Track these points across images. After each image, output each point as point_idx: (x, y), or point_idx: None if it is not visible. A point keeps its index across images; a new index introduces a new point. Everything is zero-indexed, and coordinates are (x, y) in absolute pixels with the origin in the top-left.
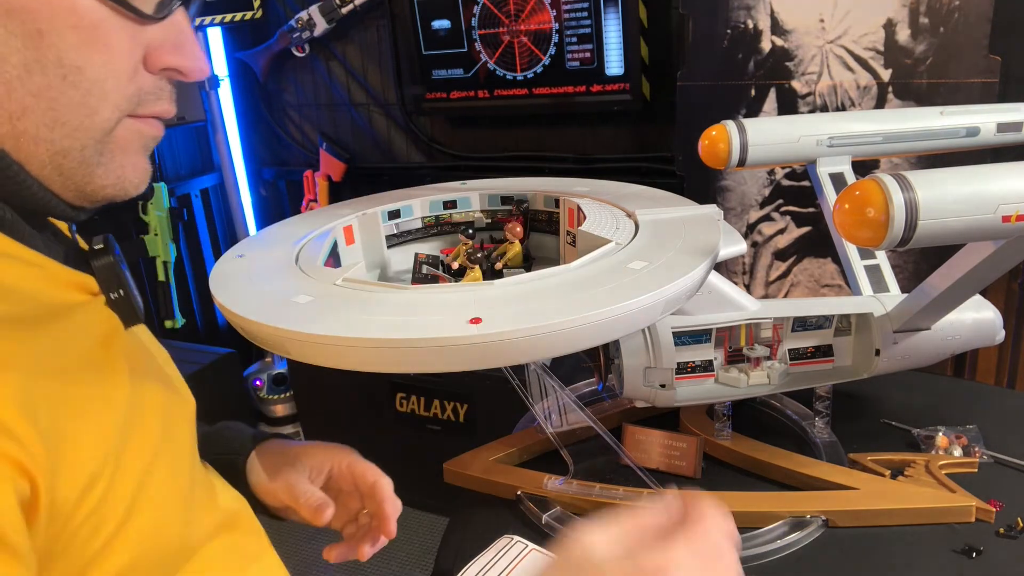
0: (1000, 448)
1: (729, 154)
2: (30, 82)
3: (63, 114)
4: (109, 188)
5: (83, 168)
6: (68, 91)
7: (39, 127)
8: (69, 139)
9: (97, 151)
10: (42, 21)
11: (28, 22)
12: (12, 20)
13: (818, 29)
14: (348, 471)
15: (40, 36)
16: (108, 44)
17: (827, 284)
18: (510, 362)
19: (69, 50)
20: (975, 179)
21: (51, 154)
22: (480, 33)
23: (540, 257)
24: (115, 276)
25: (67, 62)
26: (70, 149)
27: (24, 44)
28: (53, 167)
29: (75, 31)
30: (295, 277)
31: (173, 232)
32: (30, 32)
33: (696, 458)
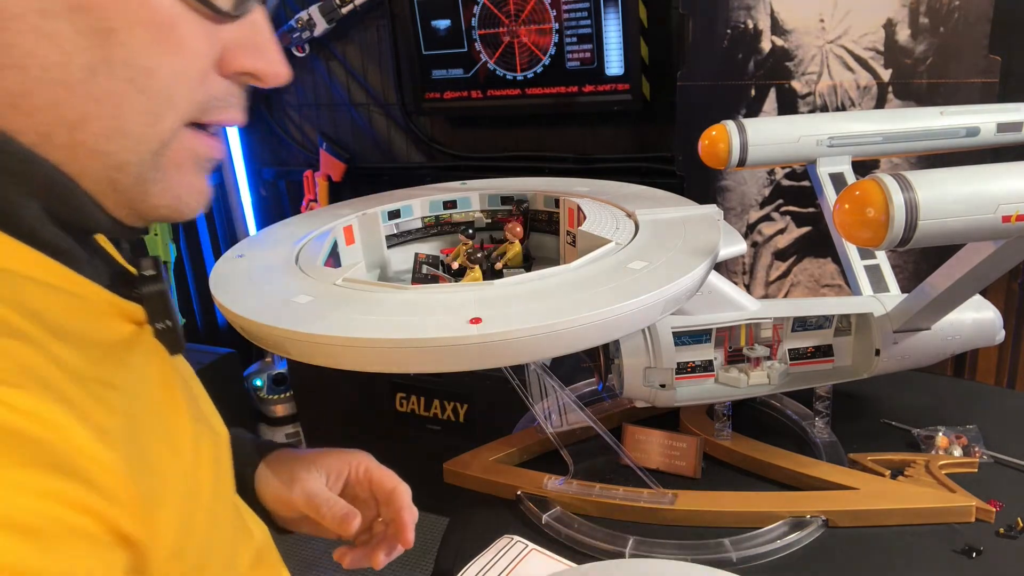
0: (1000, 448)
1: (729, 154)
2: (94, 86)
3: (127, 123)
4: (164, 208)
5: (139, 185)
6: (134, 97)
7: (98, 138)
8: (128, 152)
9: (153, 166)
10: (113, 17)
11: (98, 18)
12: (80, 16)
13: (818, 29)
14: (365, 477)
15: (109, 34)
16: (182, 44)
17: (827, 284)
18: (510, 362)
19: (140, 50)
20: (975, 179)
21: (107, 168)
22: (480, 33)
23: (540, 257)
24: (165, 306)
25: (137, 64)
26: (128, 163)
27: (91, 43)
28: (108, 183)
29: (147, 29)
30: (295, 277)
31: (173, 232)
32: (99, 29)
33: (696, 458)
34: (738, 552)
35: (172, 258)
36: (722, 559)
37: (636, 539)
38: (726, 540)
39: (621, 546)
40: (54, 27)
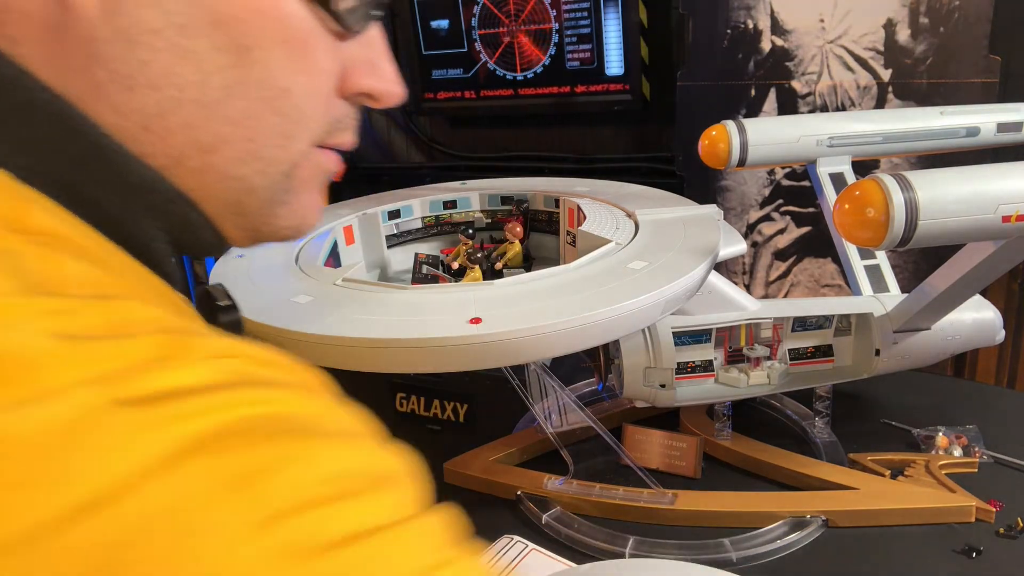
0: (1000, 448)
1: (729, 154)
2: (230, 107)
3: (261, 146)
4: (287, 230)
5: (266, 208)
6: (270, 118)
7: (232, 162)
8: (261, 175)
9: (283, 188)
10: (252, 34)
11: (237, 35)
12: (219, 32)
13: (818, 29)
14: None
15: (247, 51)
16: (314, 62)
17: (827, 284)
18: (510, 362)
19: (276, 69)
20: (975, 179)
21: (237, 192)
22: (480, 33)
23: (540, 257)
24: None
25: (273, 83)
26: (258, 187)
27: (229, 61)
28: (235, 206)
29: (284, 47)
30: (295, 277)
31: None
32: (237, 46)
33: (696, 458)
34: (738, 552)
35: None
36: (722, 559)
37: (636, 539)
38: (726, 540)
39: (621, 546)
40: (193, 44)
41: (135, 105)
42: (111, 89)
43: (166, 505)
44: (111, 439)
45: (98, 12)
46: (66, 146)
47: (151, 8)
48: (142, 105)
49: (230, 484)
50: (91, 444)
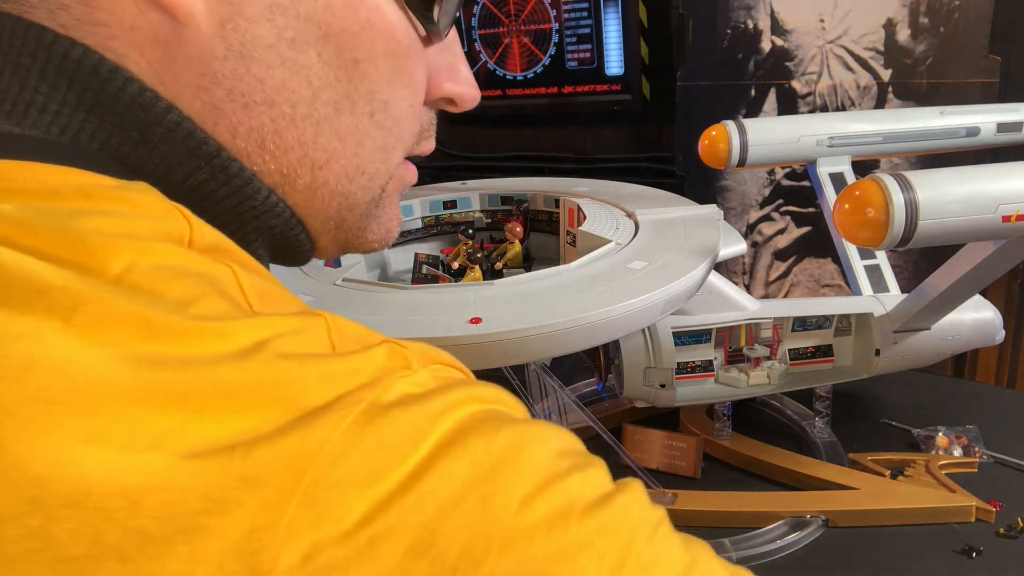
0: (1000, 448)
1: (729, 154)
2: (339, 122)
3: (365, 160)
4: (375, 243)
5: (362, 222)
6: (374, 132)
7: (340, 177)
8: (364, 190)
9: (376, 202)
10: (359, 47)
11: (345, 48)
12: (329, 46)
13: (818, 29)
14: None
15: (355, 65)
16: (412, 74)
17: (827, 284)
18: (510, 362)
19: (380, 82)
20: (975, 179)
21: (341, 208)
22: (480, 33)
23: (540, 257)
24: None
25: (377, 97)
26: (360, 202)
27: (338, 76)
28: (336, 222)
29: (388, 59)
30: (295, 277)
31: None
32: (346, 61)
33: (696, 458)
34: (738, 552)
35: None
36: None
37: None
38: (726, 540)
39: None
40: (304, 59)
41: (252, 123)
42: (228, 108)
43: (452, 491)
44: (391, 437)
45: (212, 28)
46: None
47: (264, 23)
48: (259, 123)
49: (486, 473)
50: (375, 444)
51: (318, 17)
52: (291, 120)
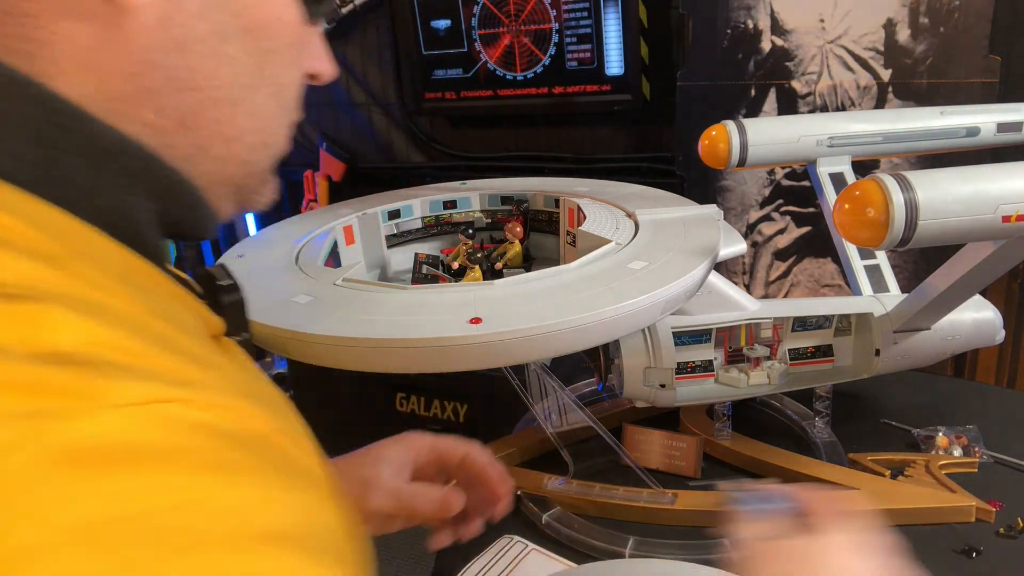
0: (1000, 448)
1: (729, 154)
2: (250, 103)
3: (268, 135)
4: (264, 202)
5: (260, 185)
6: (276, 110)
7: (249, 149)
8: (266, 159)
9: (271, 168)
10: (271, 38)
11: (261, 39)
12: (249, 37)
13: (818, 29)
14: (432, 456)
15: (267, 54)
16: (304, 58)
17: (827, 284)
18: (510, 362)
19: (283, 68)
20: (975, 179)
21: (244, 175)
22: (480, 33)
23: (540, 257)
24: (243, 317)
25: (280, 80)
26: (261, 170)
27: (255, 63)
28: (239, 186)
29: (290, 48)
30: (295, 277)
31: None
32: (262, 50)
33: (696, 458)
34: None
35: (172, 258)
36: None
37: (636, 539)
38: (726, 540)
39: (621, 546)
40: (230, 50)
41: (178, 104)
42: (163, 92)
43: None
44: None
45: (156, 24)
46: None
47: (201, 20)
48: (183, 104)
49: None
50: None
51: (244, 13)
52: (213, 102)
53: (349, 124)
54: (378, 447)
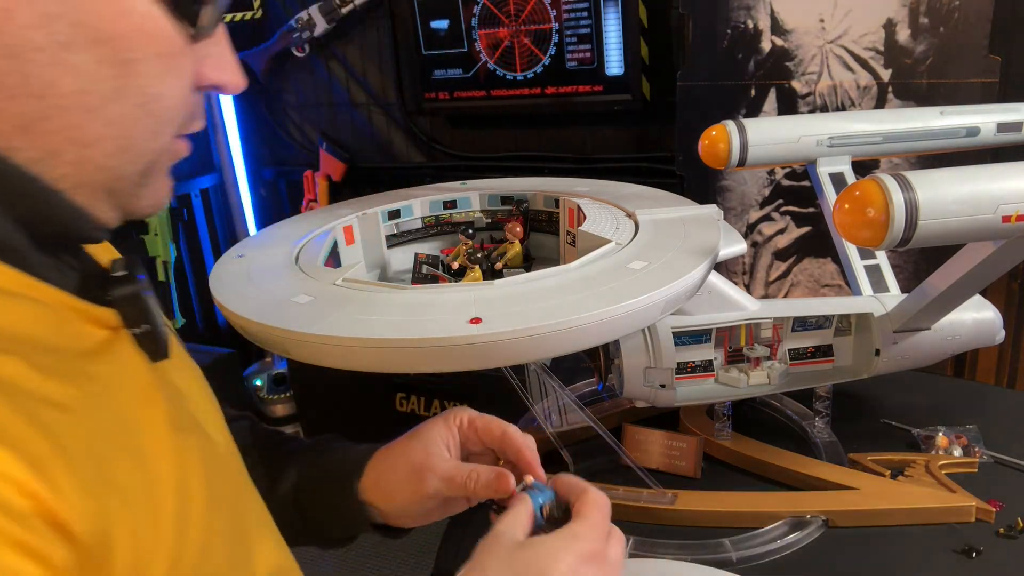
0: (1000, 448)
1: (729, 154)
2: (109, 111)
3: (132, 141)
4: (148, 207)
5: (133, 190)
6: (143, 119)
7: (107, 155)
8: (131, 164)
9: (146, 173)
10: (132, 49)
11: (119, 50)
12: (102, 48)
13: (818, 29)
14: (471, 429)
15: (127, 64)
16: (182, 68)
17: (827, 284)
18: (510, 362)
19: (152, 78)
20: (975, 179)
21: (108, 180)
22: (480, 33)
23: (540, 257)
24: (139, 309)
25: (149, 90)
26: (128, 174)
27: (112, 73)
28: (107, 191)
29: (159, 59)
30: (295, 277)
31: (173, 232)
32: (119, 61)
33: (696, 458)
34: (738, 552)
35: (172, 258)
36: (722, 559)
37: (636, 539)
38: (726, 540)
39: None
40: (77, 59)
41: (17, 111)
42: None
43: None
44: None
45: None
46: None
47: (36, 29)
48: (24, 111)
49: None
50: None
51: (92, 24)
52: (60, 109)
53: (349, 124)
54: (423, 429)
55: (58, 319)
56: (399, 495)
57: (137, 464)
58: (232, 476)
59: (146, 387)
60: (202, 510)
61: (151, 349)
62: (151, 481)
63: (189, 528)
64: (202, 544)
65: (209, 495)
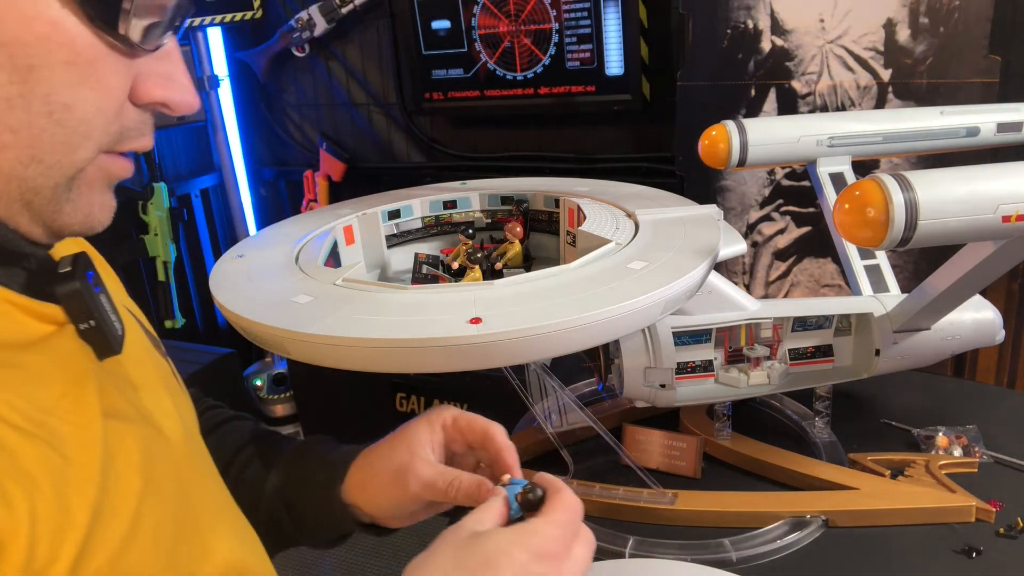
0: (1000, 448)
1: (729, 154)
2: (11, 117)
3: (42, 152)
4: (76, 226)
5: (52, 205)
6: (52, 128)
7: (14, 164)
8: (43, 177)
9: (67, 188)
10: (35, 56)
11: (19, 56)
12: (1, 54)
13: (818, 29)
14: (455, 429)
15: (30, 71)
16: (101, 81)
17: (827, 284)
18: (510, 362)
19: (60, 87)
20: (975, 179)
21: (22, 191)
22: (480, 33)
23: (540, 257)
24: (83, 305)
25: (56, 99)
26: (43, 187)
27: (10, 78)
28: (22, 204)
29: (69, 68)
30: (295, 277)
31: (173, 232)
32: (19, 67)
33: (696, 458)
34: (738, 552)
35: (172, 258)
36: (722, 559)
37: (636, 539)
38: (726, 540)
39: (621, 546)
40: None
41: None
42: None
43: None
44: None
45: None
46: None
47: None
48: None
49: None
50: None
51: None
52: None
53: (349, 124)
54: (408, 430)
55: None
56: (383, 498)
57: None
58: (184, 470)
59: (78, 378)
60: (132, 500)
61: (99, 345)
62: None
63: (112, 517)
64: (127, 533)
65: (144, 485)
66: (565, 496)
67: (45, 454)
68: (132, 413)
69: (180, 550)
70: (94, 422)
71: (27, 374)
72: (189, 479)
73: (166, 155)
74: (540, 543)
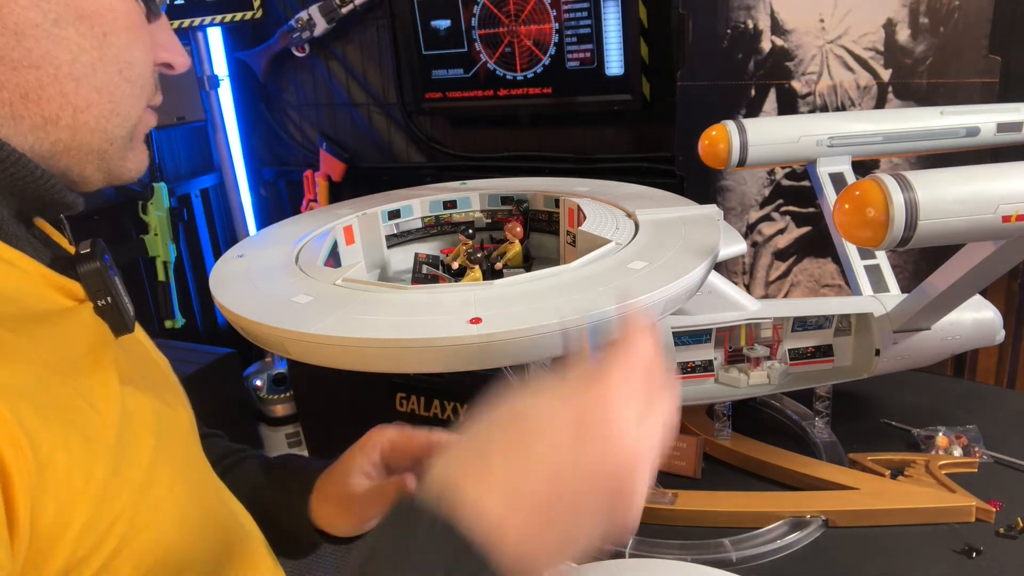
0: (1000, 448)
1: (729, 154)
2: (95, 79)
3: (119, 105)
4: (133, 171)
5: (122, 153)
6: (123, 85)
7: (99, 118)
8: (119, 128)
9: (129, 137)
10: (107, 23)
11: (97, 25)
12: (84, 23)
13: (818, 29)
14: (391, 449)
15: (104, 37)
16: (145, 42)
17: (827, 284)
18: (510, 362)
19: (124, 49)
20: (975, 179)
21: (101, 142)
22: (480, 33)
23: (540, 257)
24: (102, 283)
25: (123, 59)
26: (117, 137)
27: (92, 45)
28: (99, 153)
29: (128, 32)
30: (295, 277)
31: (173, 232)
32: (97, 34)
33: (696, 458)
34: (738, 552)
35: (172, 258)
36: (722, 559)
37: (636, 539)
38: (726, 540)
39: (621, 546)
40: (65, 33)
41: (19, 81)
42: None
43: None
44: None
45: None
46: None
47: (33, 9)
48: (24, 81)
49: None
50: None
51: (75, 3)
52: (54, 78)
53: (349, 124)
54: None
55: (28, 279)
56: (340, 523)
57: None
58: (192, 445)
59: (97, 344)
60: (147, 453)
61: (114, 322)
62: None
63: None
64: (144, 481)
65: (157, 443)
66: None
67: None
68: (145, 385)
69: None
70: (113, 380)
71: (56, 335)
72: (196, 455)
73: (166, 155)
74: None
